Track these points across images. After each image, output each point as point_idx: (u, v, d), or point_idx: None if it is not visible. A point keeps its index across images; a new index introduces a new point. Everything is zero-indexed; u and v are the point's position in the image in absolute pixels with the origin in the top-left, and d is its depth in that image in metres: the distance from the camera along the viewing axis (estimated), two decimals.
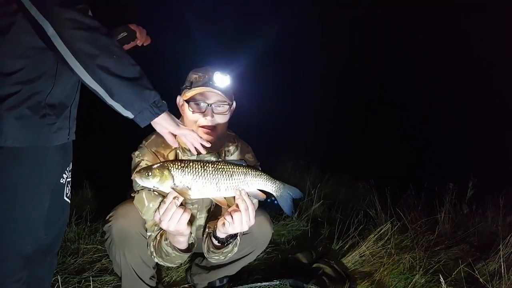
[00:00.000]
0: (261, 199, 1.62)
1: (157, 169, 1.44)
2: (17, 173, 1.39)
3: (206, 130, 1.83)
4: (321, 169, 5.58)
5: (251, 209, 1.56)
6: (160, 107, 1.38)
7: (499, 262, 2.71)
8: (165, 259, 1.81)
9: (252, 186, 1.57)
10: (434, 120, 8.61)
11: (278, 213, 3.83)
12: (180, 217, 1.49)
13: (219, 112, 1.84)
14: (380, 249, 2.91)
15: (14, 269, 1.45)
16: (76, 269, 2.48)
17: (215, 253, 1.84)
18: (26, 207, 1.44)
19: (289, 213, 1.67)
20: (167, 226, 1.51)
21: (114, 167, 3.76)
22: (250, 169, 1.57)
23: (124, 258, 1.92)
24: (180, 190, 1.45)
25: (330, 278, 2.51)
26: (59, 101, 1.44)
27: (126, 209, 1.92)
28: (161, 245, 1.75)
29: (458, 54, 9.59)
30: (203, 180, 1.47)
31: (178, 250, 1.72)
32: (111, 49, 1.30)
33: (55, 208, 1.58)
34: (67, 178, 1.62)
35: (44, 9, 1.23)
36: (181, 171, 1.45)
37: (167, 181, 1.44)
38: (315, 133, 7.42)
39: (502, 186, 4.29)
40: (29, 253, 1.47)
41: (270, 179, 1.59)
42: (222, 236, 1.74)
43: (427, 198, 4.12)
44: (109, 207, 2.01)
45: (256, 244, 2.10)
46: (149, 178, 1.43)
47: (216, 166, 1.50)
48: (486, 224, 3.80)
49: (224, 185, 1.51)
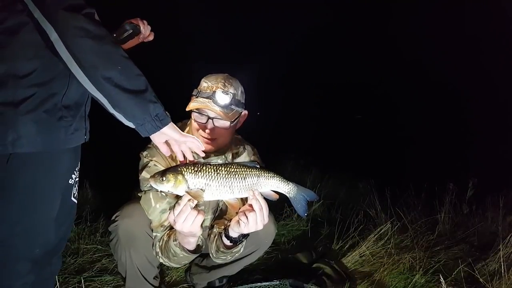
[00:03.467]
0: (274, 199, 1.63)
1: (171, 174, 1.45)
2: (30, 177, 1.37)
3: (206, 141, 1.84)
4: (321, 169, 5.58)
5: (265, 208, 1.57)
6: (162, 121, 1.35)
7: (499, 262, 2.71)
8: (171, 260, 1.81)
9: (265, 187, 1.58)
10: (434, 120, 8.62)
11: (278, 213, 3.83)
12: (195, 219, 1.50)
13: (220, 126, 1.84)
14: (380, 249, 2.91)
15: (22, 273, 1.44)
16: (76, 269, 2.47)
17: (224, 253, 1.84)
18: (38, 211, 1.42)
19: (302, 215, 1.68)
20: (181, 227, 1.52)
21: (114, 167, 3.77)
22: (264, 171, 1.57)
23: (130, 258, 1.92)
24: (194, 193, 1.46)
25: (330, 278, 2.51)
26: (74, 101, 1.42)
27: (132, 209, 1.93)
28: (169, 245, 1.76)
29: (458, 54, 9.59)
30: (216, 183, 1.49)
31: (187, 250, 1.73)
32: (116, 59, 1.28)
33: (63, 210, 1.57)
34: (75, 178, 1.61)
35: (48, 12, 1.20)
36: (195, 175, 1.46)
37: (181, 185, 1.45)
38: (315, 133, 7.42)
39: (502, 186, 4.29)
40: (37, 256, 1.46)
41: (283, 181, 1.60)
42: (235, 236, 1.74)
43: (427, 198, 4.12)
44: (109, 207, 2.01)
45: (260, 243, 2.10)
46: (163, 183, 1.44)
47: (229, 169, 1.51)
48: (486, 224, 3.79)
49: (237, 188, 1.52)
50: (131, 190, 2.12)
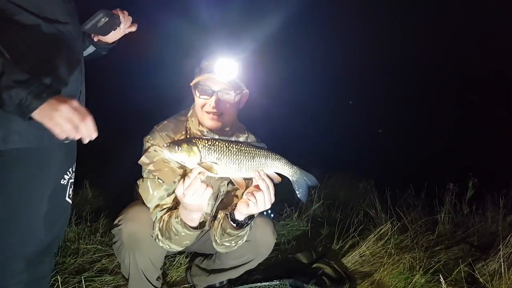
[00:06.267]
0: (277, 182, 1.67)
1: (186, 144, 1.49)
2: (21, 174, 1.37)
3: (212, 117, 1.87)
4: (321, 169, 5.58)
5: (271, 188, 1.61)
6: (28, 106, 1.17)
7: (499, 262, 2.71)
8: (172, 240, 1.79)
9: (270, 168, 1.63)
10: (434, 120, 8.61)
11: (278, 213, 3.83)
12: (204, 191, 1.53)
13: (225, 100, 1.86)
14: (380, 249, 2.91)
15: (16, 272, 1.44)
16: (76, 269, 2.47)
17: (230, 236, 1.81)
18: (29, 209, 1.42)
19: (303, 199, 1.72)
20: (191, 200, 1.54)
21: (114, 167, 3.76)
22: (271, 152, 1.63)
23: (134, 261, 1.92)
24: (207, 165, 1.50)
25: (330, 278, 2.51)
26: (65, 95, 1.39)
27: (135, 212, 1.93)
28: (170, 224, 1.75)
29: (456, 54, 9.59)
30: (226, 160, 1.52)
31: (189, 227, 1.72)
32: None
33: (56, 209, 1.56)
34: (69, 179, 1.60)
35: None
36: (208, 149, 1.50)
37: (195, 157, 1.49)
38: (315, 133, 7.41)
39: (502, 186, 4.29)
40: (30, 254, 1.46)
41: (288, 164, 1.66)
42: (241, 219, 1.75)
43: (427, 198, 4.12)
44: (109, 207, 2.01)
45: (257, 252, 2.11)
46: (177, 152, 1.47)
47: (240, 148, 1.56)
48: (486, 224, 3.79)
49: (245, 166, 1.56)
50: (131, 190, 2.12)
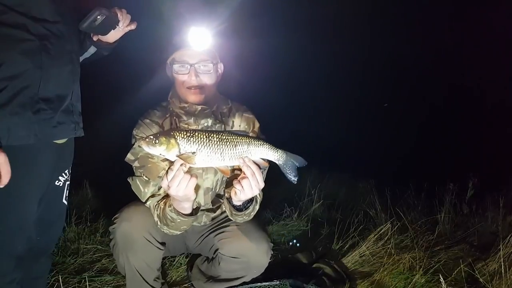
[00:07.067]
0: (264, 167, 1.67)
1: (163, 137, 1.47)
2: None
3: (194, 91, 1.89)
4: (321, 169, 5.57)
5: (257, 173, 1.60)
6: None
7: (499, 262, 2.70)
8: (170, 226, 1.81)
9: (255, 155, 1.61)
10: (434, 120, 8.61)
11: (279, 213, 3.83)
12: (188, 182, 1.52)
13: (203, 71, 1.89)
14: (380, 249, 2.91)
15: (6, 270, 1.44)
16: (76, 269, 2.48)
17: (238, 216, 1.87)
18: (18, 208, 1.42)
19: (293, 181, 1.69)
20: (176, 192, 1.53)
21: (114, 166, 3.76)
22: (253, 139, 1.61)
23: (127, 261, 1.93)
24: (186, 157, 1.48)
25: (330, 278, 2.51)
26: (55, 94, 1.40)
27: (131, 212, 1.93)
28: (165, 212, 1.77)
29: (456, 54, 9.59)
30: (207, 150, 1.51)
31: (183, 215, 1.73)
32: None
33: (51, 210, 1.55)
34: (66, 181, 1.59)
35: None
36: (187, 140, 1.49)
37: (174, 149, 1.48)
38: (315, 133, 7.41)
39: (502, 186, 4.29)
40: (21, 253, 1.45)
41: (272, 148, 1.64)
42: (238, 204, 1.78)
43: (427, 198, 4.12)
44: (109, 207, 2.01)
45: (248, 271, 2.10)
46: (156, 146, 1.47)
47: (221, 137, 1.54)
48: (486, 224, 3.79)
49: (228, 155, 1.55)
50: (131, 190, 2.12)
